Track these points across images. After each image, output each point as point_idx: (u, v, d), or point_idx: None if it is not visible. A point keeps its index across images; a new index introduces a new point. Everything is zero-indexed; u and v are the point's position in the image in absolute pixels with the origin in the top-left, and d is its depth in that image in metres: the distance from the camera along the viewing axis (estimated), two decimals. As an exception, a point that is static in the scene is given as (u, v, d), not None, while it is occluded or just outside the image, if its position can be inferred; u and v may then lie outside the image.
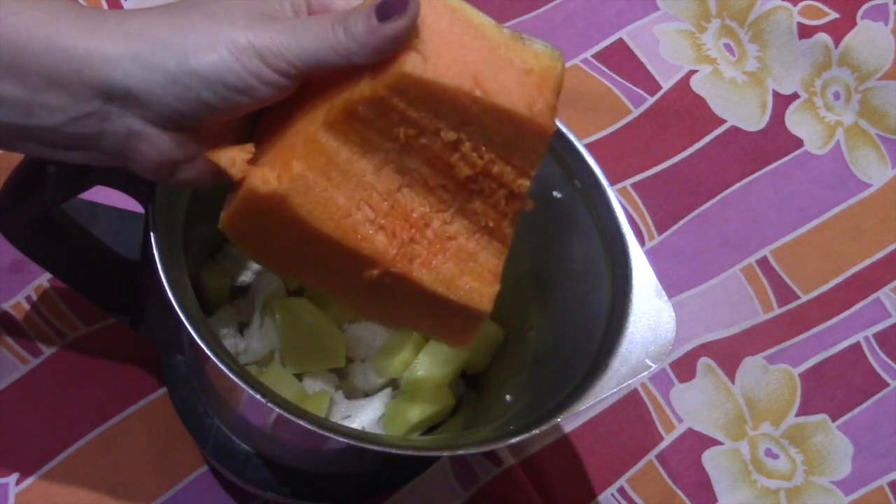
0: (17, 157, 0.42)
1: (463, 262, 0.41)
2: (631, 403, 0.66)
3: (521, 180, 0.40)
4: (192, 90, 0.36)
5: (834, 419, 0.68)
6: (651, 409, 0.66)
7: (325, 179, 0.39)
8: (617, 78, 0.77)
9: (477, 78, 0.37)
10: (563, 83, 0.39)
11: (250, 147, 0.39)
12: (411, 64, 0.37)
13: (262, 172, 0.38)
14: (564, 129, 0.51)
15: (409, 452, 0.48)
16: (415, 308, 0.42)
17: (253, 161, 0.39)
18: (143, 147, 0.38)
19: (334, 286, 0.43)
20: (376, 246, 0.39)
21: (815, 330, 0.71)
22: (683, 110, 0.76)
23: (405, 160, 0.39)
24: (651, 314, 0.48)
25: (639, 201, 0.73)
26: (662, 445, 0.66)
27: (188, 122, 0.37)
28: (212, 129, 0.39)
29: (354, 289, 0.42)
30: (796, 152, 0.77)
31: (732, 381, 0.68)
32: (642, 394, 0.67)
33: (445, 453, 0.57)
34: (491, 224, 0.41)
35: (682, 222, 0.73)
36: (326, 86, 0.39)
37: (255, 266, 0.58)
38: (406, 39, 0.36)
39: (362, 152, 0.39)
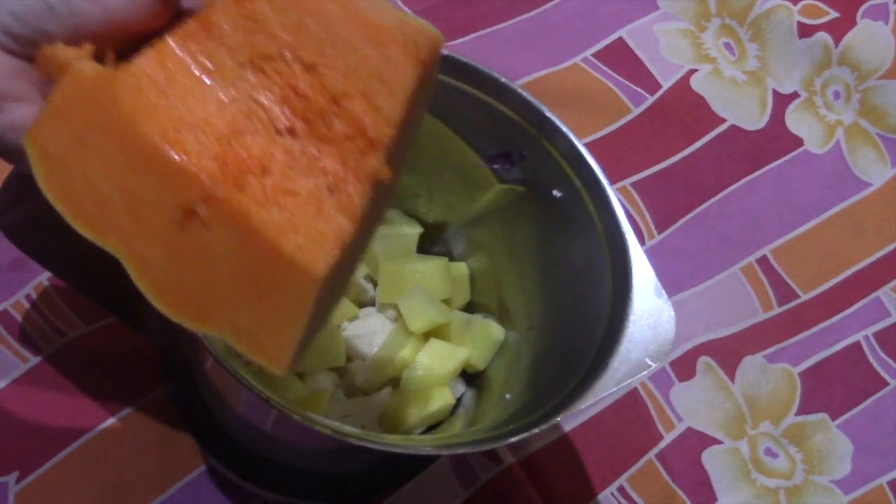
0: (16, 157, 0.42)
1: (299, 218, 0.36)
2: (631, 403, 0.66)
3: (382, 127, 0.36)
4: None
5: (834, 418, 0.68)
6: (651, 409, 0.66)
7: (161, 94, 0.35)
8: (617, 77, 0.77)
9: None
10: (440, 49, 0.37)
11: (88, 48, 0.36)
12: None
13: (91, 61, 0.35)
14: (564, 129, 0.51)
15: (409, 452, 0.48)
16: (230, 274, 0.35)
17: None
18: None
19: (140, 241, 0.36)
20: (202, 166, 0.34)
21: (814, 329, 0.71)
22: (683, 109, 0.76)
23: (256, 95, 0.36)
24: (651, 313, 0.48)
25: (639, 200, 0.73)
26: (662, 444, 0.66)
27: (27, 33, 0.35)
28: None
29: (164, 243, 0.36)
30: (796, 151, 0.77)
31: (732, 381, 0.68)
32: (642, 393, 0.67)
33: (445, 453, 0.57)
34: (340, 186, 0.37)
35: (682, 221, 0.73)
36: None
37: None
38: None
39: (210, 82, 0.36)
